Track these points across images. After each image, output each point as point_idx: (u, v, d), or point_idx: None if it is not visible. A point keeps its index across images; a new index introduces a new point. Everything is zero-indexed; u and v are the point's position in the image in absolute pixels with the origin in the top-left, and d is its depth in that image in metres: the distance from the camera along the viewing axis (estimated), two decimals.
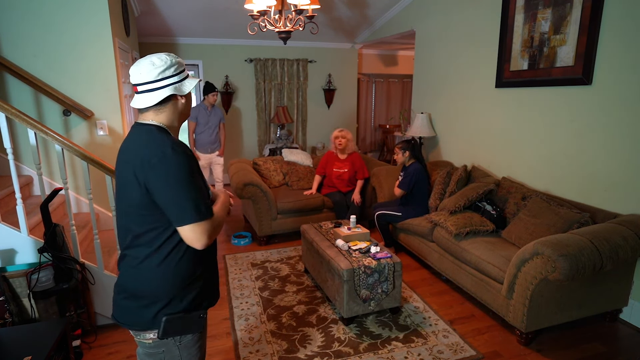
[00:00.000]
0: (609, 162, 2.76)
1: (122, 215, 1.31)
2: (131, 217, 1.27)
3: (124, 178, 1.26)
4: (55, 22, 3.00)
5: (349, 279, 2.53)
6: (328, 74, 6.81)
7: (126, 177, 1.24)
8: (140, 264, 1.28)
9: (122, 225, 1.31)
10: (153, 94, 1.26)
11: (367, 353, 2.37)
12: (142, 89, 1.26)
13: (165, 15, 4.98)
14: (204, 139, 4.76)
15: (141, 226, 1.26)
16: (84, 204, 3.35)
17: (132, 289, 1.30)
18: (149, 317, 1.28)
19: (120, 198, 1.30)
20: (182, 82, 1.30)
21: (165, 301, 1.28)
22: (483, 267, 2.71)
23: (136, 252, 1.28)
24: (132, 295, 1.30)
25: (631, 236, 2.33)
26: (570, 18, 2.90)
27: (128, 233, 1.29)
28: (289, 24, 3.52)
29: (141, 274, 1.28)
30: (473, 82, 3.96)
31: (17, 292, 2.28)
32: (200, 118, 4.75)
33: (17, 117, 2.26)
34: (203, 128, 4.73)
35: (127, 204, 1.27)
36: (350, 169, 4.26)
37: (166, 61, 1.26)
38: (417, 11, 4.83)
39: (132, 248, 1.29)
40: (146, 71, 1.24)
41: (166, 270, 1.27)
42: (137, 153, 1.22)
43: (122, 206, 1.30)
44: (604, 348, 2.44)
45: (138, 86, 1.26)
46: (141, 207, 1.23)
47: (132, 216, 1.26)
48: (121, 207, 1.30)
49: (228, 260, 3.68)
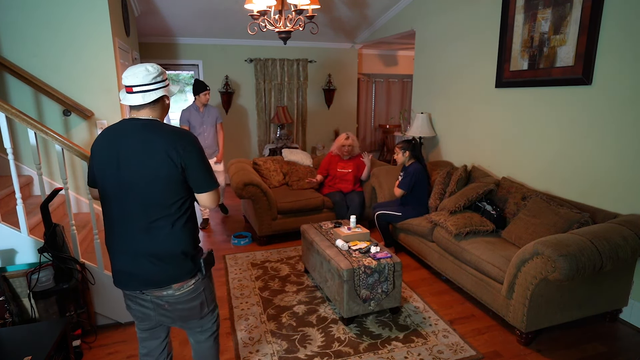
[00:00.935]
0: (609, 162, 2.76)
1: (146, 194, 1.52)
2: (162, 192, 1.53)
3: (154, 162, 1.49)
4: (55, 22, 3.01)
5: (349, 279, 2.53)
6: (328, 74, 6.81)
7: (157, 160, 1.49)
8: (173, 227, 1.56)
9: (146, 203, 1.53)
10: (149, 94, 1.54)
11: (367, 353, 2.37)
12: (137, 89, 1.53)
13: (165, 15, 4.98)
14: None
15: (173, 197, 1.55)
16: (84, 204, 3.35)
17: (170, 250, 1.57)
18: (190, 266, 1.61)
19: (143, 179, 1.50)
20: (168, 86, 1.62)
21: (195, 250, 1.64)
22: (483, 267, 2.71)
23: (167, 220, 1.55)
24: (169, 256, 1.57)
25: (631, 236, 2.33)
26: (570, 18, 2.90)
27: (156, 207, 1.53)
28: (289, 24, 3.52)
29: (175, 235, 1.57)
30: (473, 82, 3.97)
31: (17, 292, 2.28)
32: (193, 120, 4.39)
33: (17, 117, 2.26)
34: (197, 131, 4.39)
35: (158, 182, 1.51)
36: (354, 169, 4.28)
37: (157, 69, 1.56)
38: (417, 11, 4.83)
39: (163, 218, 1.55)
40: (142, 76, 1.52)
41: (191, 227, 1.63)
42: (169, 140, 1.51)
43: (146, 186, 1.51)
44: (604, 348, 2.44)
45: (133, 87, 1.53)
46: (174, 183, 1.53)
47: (163, 191, 1.53)
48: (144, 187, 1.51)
49: (228, 260, 3.68)
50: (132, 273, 1.57)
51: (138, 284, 1.58)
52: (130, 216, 1.54)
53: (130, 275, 1.58)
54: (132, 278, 1.58)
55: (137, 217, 1.54)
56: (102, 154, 1.56)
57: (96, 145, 1.58)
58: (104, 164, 1.54)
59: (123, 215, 1.55)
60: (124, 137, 1.52)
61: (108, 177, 1.54)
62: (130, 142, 1.51)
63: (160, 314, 1.65)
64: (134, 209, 1.53)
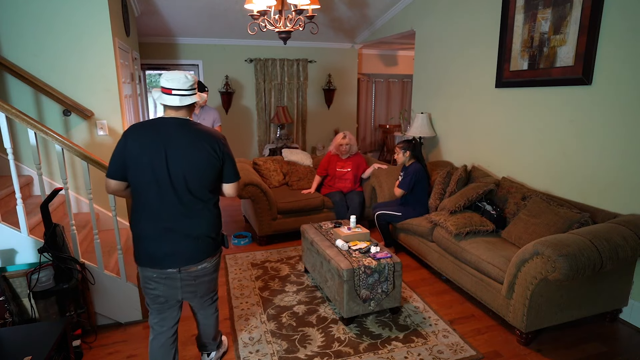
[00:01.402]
0: (608, 162, 2.76)
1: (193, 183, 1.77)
2: (206, 181, 1.81)
3: (203, 154, 1.76)
4: (55, 22, 3.01)
5: (349, 279, 2.53)
6: (328, 74, 6.81)
7: (205, 154, 1.77)
8: (211, 211, 1.87)
9: (192, 190, 1.77)
10: (185, 98, 1.77)
11: (367, 353, 2.37)
12: (176, 92, 1.75)
13: (165, 15, 4.98)
14: None
15: (211, 185, 1.84)
16: (84, 204, 3.35)
17: (206, 231, 1.85)
18: (219, 243, 1.95)
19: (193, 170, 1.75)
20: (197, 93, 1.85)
21: (221, 229, 1.97)
22: (483, 267, 2.71)
23: (205, 205, 1.84)
24: (206, 235, 1.85)
25: (631, 236, 2.33)
26: (570, 18, 2.90)
27: (198, 194, 1.79)
28: (289, 24, 3.52)
29: (213, 217, 1.89)
30: (473, 82, 3.97)
31: (17, 292, 2.28)
32: None
33: (17, 117, 2.26)
34: None
35: (205, 172, 1.79)
36: (353, 168, 4.27)
37: (193, 78, 1.80)
38: (417, 11, 4.83)
39: (202, 203, 1.82)
40: (182, 82, 1.75)
41: (219, 211, 1.95)
42: (210, 137, 1.80)
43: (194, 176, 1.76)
44: (604, 348, 2.45)
45: (173, 90, 1.75)
46: (215, 173, 1.83)
47: (207, 180, 1.81)
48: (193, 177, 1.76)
49: (228, 260, 3.68)
50: (173, 253, 1.79)
51: (178, 262, 1.80)
52: (173, 202, 1.76)
53: (170, 256, 1.79)
54: (173, 258, 1.79)
55: (180, 203, 1.77)
56: (145, 147, 1.72)
57: (135, 139, 1.73)
58: (149, 156, 1.71)
59: (165, 202, 1.75)
60: (170, 133, 1.75)
61: (153, 168, 1.71)
62: (178, 137, 1.75)
63: (187, 290, 1.89)
64: (179, 196, 1.76)
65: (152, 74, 7.64)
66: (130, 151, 1.72)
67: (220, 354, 2.33)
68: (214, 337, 2.23)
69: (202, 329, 2.19)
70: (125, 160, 1.73)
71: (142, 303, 2.68)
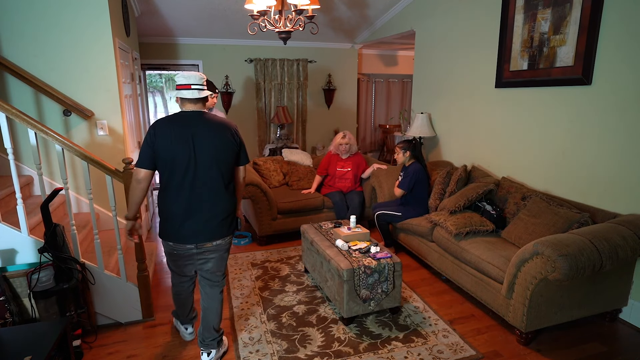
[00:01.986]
0: (608, 162, 2.76)
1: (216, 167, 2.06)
2: (227, 165, 2.11)
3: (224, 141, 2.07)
4: (55, 22, 3.01)
5: (349, 279, 2.53)
6: (328, 74, 6.81)
7: (226, 141, 2.08)
8: (230, 195, 2.17)
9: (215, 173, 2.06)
10: (200, 92, 2.05)
11: (367, 353, 2.37)
12: (194, 87, 2.03)
13: (165, 15, 4.99)
14: None
15: (231, 168, 2.15)
16: (84, 204, 3.35)
17: (227, 211, 2.16)
18: (235, 222, 2.24)
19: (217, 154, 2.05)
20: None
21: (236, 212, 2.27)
22: (483, 267, 2.71)
23: (229, 188, 2.16)
24: (225, 217, 2.15)
25: (631, 236, 2.33)
26: (570, 18, 2.90)
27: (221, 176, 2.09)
28: (289, 24, 3.52)
29: (231, 200, 2.18)
30: (473, 82, 3.97)
31: (17, 292, 2.28)
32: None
33: (18, 117, 2.26)
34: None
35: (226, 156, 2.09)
36: (353, 168, 4.27)
37: (203, 77, 2.08)
38: (417, 11, 4.83)
39: (223, 184, 2.11)
40: (197, 78, 2.04)
41: (235, 195, 2.24)
42: (227, 126, 2.11)
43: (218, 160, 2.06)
44: (604, 348, 2.45)
45: (192, 85, 2.03)
46: (234, 157, 2.14)
47: (227, 164, 2.11)
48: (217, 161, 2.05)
49: (228, 260, 3.68)
50: (201, 230, 2.09)
51: (198, 239, 2.10)
52: (199, 186, 2.04)
53: (198, 232, 2.09)
54: (201, 234, 2.10)
55: (205, 186, 2.05)
56: (174, 137, 1.98)
57: (164, 132, 1.98)
58: (178, 144, 1.97)
59: (193, 186, 2.03)
60: (194, 124, 2.02)
61: (182, 156, 1.98)
62: (201, 127, 2.02)
63: (200, 263, 2.20)
64: (204, 180, 2.04)
65: (152, 74, 7.63)
66: (160, 143, 1.97)
67: (220, 353, 2.33)
68: (216, 326, 2.29)
69: (206, 315, 2.28)
70: (154, 151, 1.98)
71: (142, 303, 2.68)
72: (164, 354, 2.39)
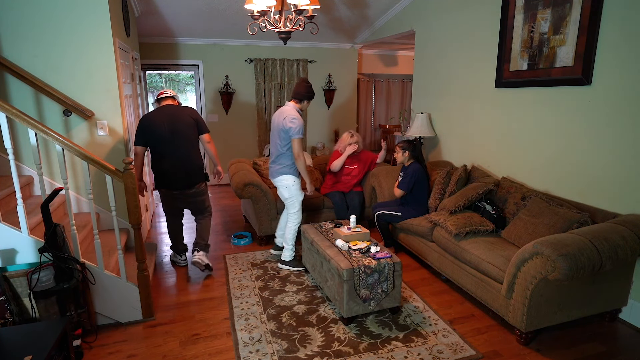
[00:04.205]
0: (608, 162, 2.76)
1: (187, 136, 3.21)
2: (194, 133, 3.27)
3: (187, 120, 3.23)
4: (56, 22, 3.01)
5: (349, 279, 2.53)
6: (328, 74, 6.81)
7: (187, 120, 3.23)
8: (197, 156, 3.30)
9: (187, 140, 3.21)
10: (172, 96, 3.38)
11: (367, 353, 2.38)
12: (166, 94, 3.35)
13: (165, 15, 4.99)
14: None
15: (197, 137, 3.31)
16: (84, 204, 3.36)
17: (198, 165, 3.30)
18: (204, 175, 3.40)
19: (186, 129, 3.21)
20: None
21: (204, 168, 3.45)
22: (483, 267, 2.71)
23: (195, 148, 3.28)
24: (199, 168, 3.32)
25: (630, 236, 2.33)
26: (570, 18, 2.90)
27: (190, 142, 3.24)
28: (289, 24, 3.52)
29: (198, 157, 3.32)
30: (473, 82, 3.97)
31: (17, 292, 2.28)
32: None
33: (18, 117, 2.26)
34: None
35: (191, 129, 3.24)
36: (359, 166, 4.28)
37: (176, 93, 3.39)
38: (417, 11, 4.83)
39: (194, 147, 3.26)
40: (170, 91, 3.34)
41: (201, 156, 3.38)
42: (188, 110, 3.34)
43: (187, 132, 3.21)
44: (604, 348, 2.45)
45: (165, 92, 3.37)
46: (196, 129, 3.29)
47: (194, 134, 3.27)
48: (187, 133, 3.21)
49: (228, 260, 3.68)
50: (183, 179, 3.22)
51: (188, 185, 3.25)
52: (179, 150, 3.16)
53: (182, 180, 3.21)
54: (184, 182, 3.23)
55: (183, 148, 3.17)
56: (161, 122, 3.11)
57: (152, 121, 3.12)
58: (164, 126, 3.11)
59: (175, 151, 3.14)
60: (171, 112, 3.19)
61: (167, 132, 3.11)
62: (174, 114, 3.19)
63: (185, 203, 3.37)
64: (182, 146, 3.16)
65: (152, 74, 7.63)
66: (150, 127, 3.10)
67: (204, 256, 3.35)
68: (205, 237, 3.45)
69: (199, 230, 3.46)
70: (146, 133, 3.11)
71: (142, 303, 2.69)
72: (164, 354, 2.40)
